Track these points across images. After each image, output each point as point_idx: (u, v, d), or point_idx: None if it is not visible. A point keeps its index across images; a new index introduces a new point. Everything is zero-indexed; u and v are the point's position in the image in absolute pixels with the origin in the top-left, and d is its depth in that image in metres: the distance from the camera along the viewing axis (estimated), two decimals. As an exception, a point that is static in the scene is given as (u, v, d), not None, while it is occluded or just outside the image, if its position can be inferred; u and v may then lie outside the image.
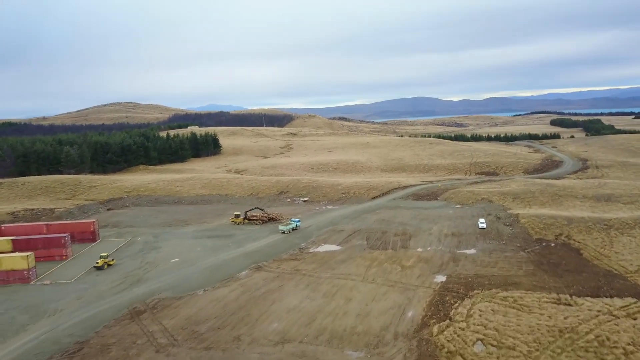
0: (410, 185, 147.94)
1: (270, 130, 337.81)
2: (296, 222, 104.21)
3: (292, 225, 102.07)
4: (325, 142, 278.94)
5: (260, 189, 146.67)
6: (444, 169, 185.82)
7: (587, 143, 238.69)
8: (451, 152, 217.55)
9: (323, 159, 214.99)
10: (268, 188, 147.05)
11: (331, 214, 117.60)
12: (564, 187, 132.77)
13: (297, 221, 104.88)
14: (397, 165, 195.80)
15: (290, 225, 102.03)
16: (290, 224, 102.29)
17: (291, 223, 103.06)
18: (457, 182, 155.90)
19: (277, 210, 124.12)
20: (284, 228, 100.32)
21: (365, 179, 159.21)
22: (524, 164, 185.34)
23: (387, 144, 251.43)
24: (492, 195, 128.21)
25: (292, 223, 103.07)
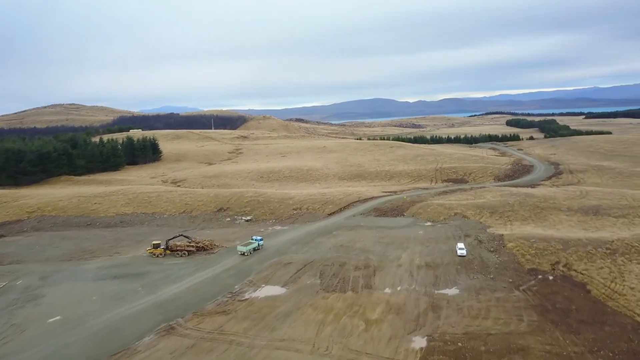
0: (371, 197, 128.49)
1: (219, 133, 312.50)
2: (258, 241, 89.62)
3: (253, 245, 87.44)
4: (278, 145, 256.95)
5: (196, 206, 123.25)
6: (407, 176, 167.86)
7: (554, 145, 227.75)
8: (414, 156, 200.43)
9: (275, 165, 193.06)
10: (205, 204, 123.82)
11: (278, 239, 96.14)
12: (545, 198, 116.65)
13: (259, 240, 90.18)
14: (356, 172, 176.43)
15: (252, 245, 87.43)
16: (251, 244, 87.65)
17: (252, 242, 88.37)
18: (423, 192, 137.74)
19: (212, 233, 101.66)
20: (244, 249, 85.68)
21: (321, 190, 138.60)
22: (494, 170, 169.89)
23: (345, 147, 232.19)
24: (467, 210, 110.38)
25: (253, 242, 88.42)
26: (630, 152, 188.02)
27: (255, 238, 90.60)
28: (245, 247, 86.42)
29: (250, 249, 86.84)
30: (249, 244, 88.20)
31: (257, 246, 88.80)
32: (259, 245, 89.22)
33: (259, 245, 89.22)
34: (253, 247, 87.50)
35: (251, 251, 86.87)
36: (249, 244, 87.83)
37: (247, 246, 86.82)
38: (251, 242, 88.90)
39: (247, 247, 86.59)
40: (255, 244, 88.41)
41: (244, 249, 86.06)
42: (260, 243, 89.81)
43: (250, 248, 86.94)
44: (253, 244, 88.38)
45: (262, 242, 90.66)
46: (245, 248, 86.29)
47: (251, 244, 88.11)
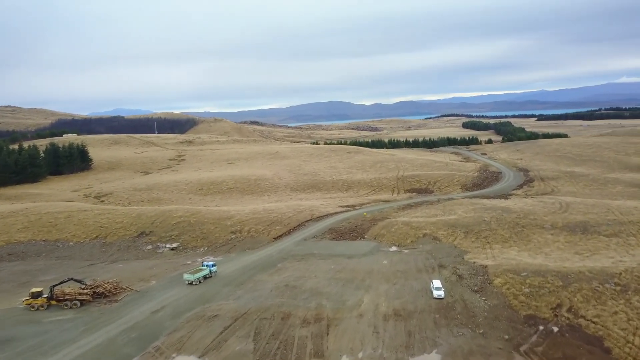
0: (327, 214, 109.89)
1: (162, 138, 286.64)
2: (210, 267, 76.33)
3: (203, 273, 74.42)
4: (226, 151, 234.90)
5: (112, 229, 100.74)
6: (367, 185, 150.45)
7: (519, 149, 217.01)
8: (373, 163, 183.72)
9: (218, 174, 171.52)
10: (124, 227, 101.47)
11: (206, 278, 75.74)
12: (524, 214, 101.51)
13: (211, 265, 76.89)
14: (310, 181, 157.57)
15: (202, 272, 74.37)
16: (201, 271, 74.53)
17: (203, 269, 75.40)
18: (385, 206, 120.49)
19: (124, 269, 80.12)
20: (191, 277, 72.46)
21: (269, 206, 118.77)
22: (460, 178, 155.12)
23: (299, 153, 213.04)
24: (437, 229, 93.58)
25: (204, 269, 75.44)
26: (600, 157, 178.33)
27: (207, 264, 77.24)
28: (192, 276, 72.74)
29: (199, 277, 73.21)
30: (199, 270, 74.74)
31: (209, 273, 75.33)
32: (210, 272, 75.62)
33: (210, 272, 75.62)
34: (203, 275, 74.08)
35: (201, 279, 73.45)
36: (198, 271, 74.48)
37: (195, 274, 73.07)
38: (201, 269, 75.22)
39: (196, 275, 72.87)
40: (206, 271, 74.83)
41: (191, 278, 72.43)
42: (213, 269, 76.42)
43: (200, 276, 73.27)
44: (203, 270, 74.80)
45: (215, 268, 77.01)
46: (192, 276, 72.57)
47: (201, 270, 74.51)
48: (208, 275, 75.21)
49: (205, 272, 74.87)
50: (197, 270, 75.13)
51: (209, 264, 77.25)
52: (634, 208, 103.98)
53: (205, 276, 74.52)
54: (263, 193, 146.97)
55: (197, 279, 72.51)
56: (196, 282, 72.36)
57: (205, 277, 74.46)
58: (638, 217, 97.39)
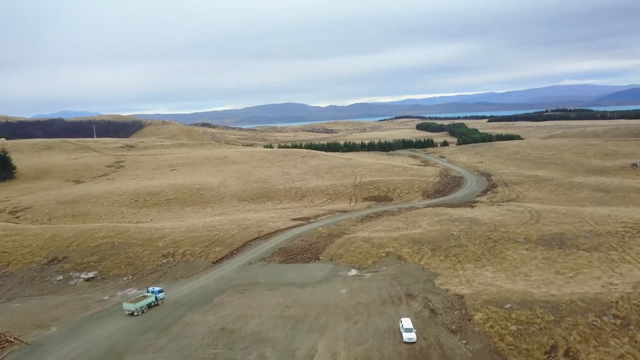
0: (277, 229, 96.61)
1: (100, 143, 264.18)
2: (156, 294, 65.30)
3: (147, 300, 63.61)
4: (170, 156, 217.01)
5: (17, 255, 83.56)
6: (322, 194, 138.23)
7: (478, 152, 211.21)
8: (329, 168, 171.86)
9: (158, 183, 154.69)
10: (32, 252, 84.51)
11: (122, 322, 60.84)
12: (495, 226, 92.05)
13: (157, 291, 65.68)
14: (260, 190, 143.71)
15: (146, 300, 63.54)
16: (144, 298, 63.84)
17: (147, 295, 64.61)
18: (343, 217, 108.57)
19: (21, 309, 64.03)
20: (132, 307, 61.89)
21: (210, 220, 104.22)
22: (421, 184, 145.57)
23: (250, 158, 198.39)
24: (401, 246, 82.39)
25: (148, 295, 64.61)
26: (561, 160, 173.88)
27: (152, 289, 65.98)
28: (134, 305, 62.05)
29: (142, 307, 62.60)
30: (142, 298, 64.02)
31: (154, 301, 64.62)
32: (156, 299, 64.94)
33: (156, 299, 64.94)
34: (147, 303, 63.45)
35: (144, 309, 62.90)
36: (141, 299, 63.70)
37: (137, 303, 62.30)
38: (145, 296, 64.53)
39: (138, 304, 62.23)
40: (150, 298, 64.09)
41: (131, 307, 61.97)
42: (159, 296, 65.57)
43: (142, 305, 62.69)
44: (148, 297, 64.08)
45: (163, 295, 66.07)
46: (134, 305, 61.98)
47: (145, 298, 63.86)
48: (153, 303, 64.33)
49: (149, 300, 63.87)
50: (139, 297, 64.01)
51: (155, 290, 65.90)
52: (608, 217, 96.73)
53: (150, 304, 63.76)
54: (206, 204, 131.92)
55: (138, 309, 61.75)
56: (138, 312, 61.70)
57: (150, 305, 63.71)
58: (614, 227, 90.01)
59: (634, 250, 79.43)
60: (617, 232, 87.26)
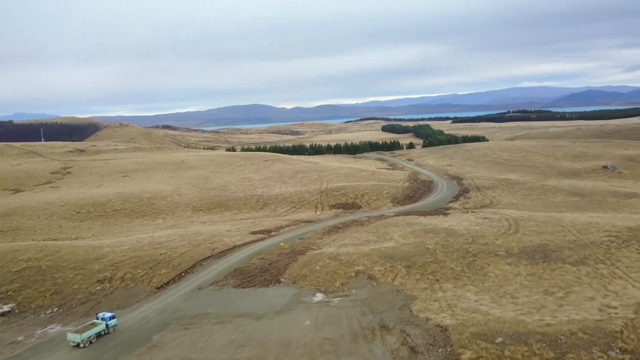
0: (233, 246, 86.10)
1: (48, 147, 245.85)
2: (107, 320, 56.07)
3: (96, 330, 54.46)
4: (124, 161, 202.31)
5: None
6: (286, 202, 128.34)
7: (447, 154, 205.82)
8: (293, 173, 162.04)
9: (105, 192, 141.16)
10: (-63, 281, 71.16)
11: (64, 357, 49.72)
12: (472, 237, 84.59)
13: (108, 318, 56.32)
14: (217, 198, 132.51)
15: (94, 329, 54.29)
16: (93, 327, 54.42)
17: (97, 323, 55.41)
18: (308, 229, 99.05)
19: None
20: (78, 338, 52.54)
21: (158, 236, 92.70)
22: (390, 189, 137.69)
23: (209, 162, 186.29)
24: (372, 264, 73.60)
25: (97, 323, 55.46)
26: (531, 162, 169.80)
27: (102, 315, 56.81)
28: (79, 335, 52.77)
29: (90, 336, 53.50)
30: (90, 327, 54.52)
31: (105, 329, 55.56)
32: (107, 327, 55.84)
33: (107, 327, 55.84)
34: (95, 332, 54.40)
35: (92, 339, 53.74)
36: (88, 328, 54.31)
37: (83, 333, 53.05)
38: (95, 324, 55.30)
39: (85, 334, 52.93)
40: (100, 327, 55.00)
41: (77, 338, 52.74)
42: (110, 324, 56.24)
43: (90, 334, 53.51)
44: (97, 326, 54.90)
45: (115, 321, 56.94)
46: (79, 336, 52.67)
47: (94, 326, 54.53)
48: (104, 331, 55.41)
49: (99, 329, 54.83)
50: (87, 326, 54.83)
51: (106, 316, 56.54)
52: (589, 224, 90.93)
53: (99, 333, 54.86)
54: (158, 215, 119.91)
55: (84, 340, 52.68)
56: (84, 343, 52.79)
57: (99, 334, 54.82)
58: (598, 236, 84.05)
59: (623, 263, 73.31)
60: (602, 242, 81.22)
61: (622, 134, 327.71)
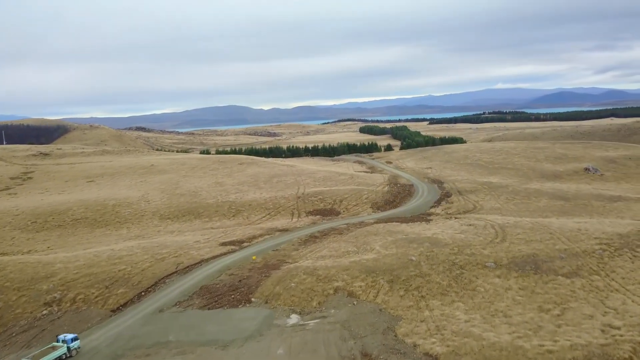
0: (201, 260, 78.90)
1: (10, 150, 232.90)
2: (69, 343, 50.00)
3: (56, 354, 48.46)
4: (90, 165, 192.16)
5: None
6: (260, 208, 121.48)
7: (426, 157, 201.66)
8: (269, 177, 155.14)
9: (68, 199, 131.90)
10: None
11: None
12: (458, 247, 79.36)
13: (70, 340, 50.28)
14: (187, 205, 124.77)
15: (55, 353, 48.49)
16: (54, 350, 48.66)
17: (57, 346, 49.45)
18: (283, 239, 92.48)
19: None
20: None
21: (118, 249, 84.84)
22: (370, 194, 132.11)
23: (180, 166, 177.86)
24: (352, 279, 67.56)
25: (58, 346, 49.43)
26: (512, 164, 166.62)
27: (64, 337, 50.70)
28: None
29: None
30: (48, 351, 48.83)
31: (66, 353, 49.67)
32: (69, 351, 49.88)
33: (69, 351, 49.88)
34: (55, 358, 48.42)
35: None
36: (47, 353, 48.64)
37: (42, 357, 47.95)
38: (55, 347, 49.55)
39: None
40: (61, 350, 49.16)
41: None
42: (72, 346, 50.30)
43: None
44: (57, 349, 49.13)
45: (78, 343, 51.26)
46: None
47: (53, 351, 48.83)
48: (65, 355, 49.53)
49: (59, 353, 48.93)
50: (45, 350, 49.22)
51: (67, 338, 50.60)
52: (578, 231, 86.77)
53: (60, 358, 49.04)
54: (122, 225, 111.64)
55: None
56: None
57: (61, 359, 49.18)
58: (589, 244, 79.81)
59: (618, 274, 68.96)
60: (593, 251, 76.93)
61: (597, 135, 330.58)
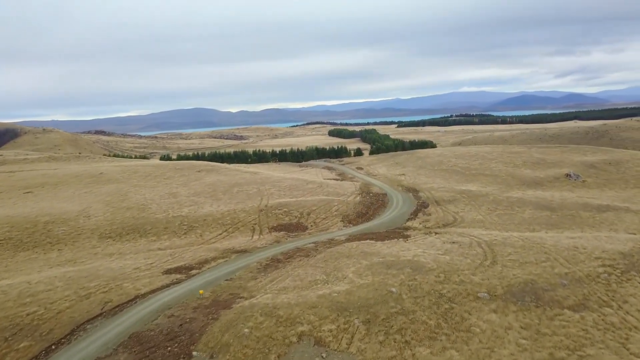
0: (136, 296, 64.67)
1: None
2: None
3: None
4: (32, 173, 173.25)
5: None
6: (216, 224, 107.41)
7: (398, 162, 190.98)
8: (229, 186, 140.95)
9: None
10: None
11: None
12: (444, 273, 67.85)
13: None
14: (133, 220, 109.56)
15: None
16: None
17: None
18: (240, 264, 79.02)
19: None
20: None
21: (37, 281, 69.65)
22: (340, 205, 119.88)
23: (132, 174, 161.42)
24: (321, 320, 54.99)
25: None
26: (490, 170, 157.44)
27: None
28: None
29: None
30: None
31: None
32: None
33: None
34: None
35: None
36: None
37: None
38: None
39: None
40: None
41: None
42: None
43: None
44: None
45: None
46: None
47: None
48: None
49: None
50: None
51: None
52: (575, 250, 76.80)
53: None
54: (53, 246, 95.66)
55: None
56: None
57: None
58: (591, 266, 69.69)
59: (632, 305, 58.66)
60: (598, 275, 66.75)
61: (565, 138, 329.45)
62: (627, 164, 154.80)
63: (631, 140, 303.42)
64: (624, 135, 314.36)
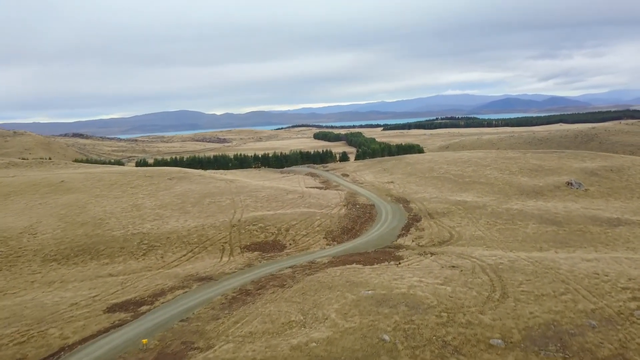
0: (61, 348, 51.32)
1: None
2: None
3: None
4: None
5: None
6: (181, 243, 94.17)
7: (386, 168, 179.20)
8: (200, 197, 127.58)
9: None
10: None
11: None
12: (447, 312, 55.84)
13: None
14: (86, 239, 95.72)
15: None
16: None
17: None
18: (203, 296, 66.13)
19: None
20: None
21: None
22: (323, 219, 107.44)
23: (95, 182, 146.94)
24: (295, 383, 42.39)
25: None
26: (485, 178, 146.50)
27: None
28: None
29: None
30: None
31: None
32: None
33: None
34: None
35: None
36: None
37: None
38: None
39: None
40: None
41: None
42: None
43: None
44: None
45: None
46: None
47: None
48: None
49: None
50: None
51: None
52: (597, 277, 65.43)
53: None
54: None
55: None
56: None
57: None
58: (620, 299, 58.22)
59: (682, 356, 47.40)
60: (630, 312, 55.26)
61: (554, 142, 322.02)
62: (629, 170, 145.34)
63: (621, 144, 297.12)
64: (613, 139, 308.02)
